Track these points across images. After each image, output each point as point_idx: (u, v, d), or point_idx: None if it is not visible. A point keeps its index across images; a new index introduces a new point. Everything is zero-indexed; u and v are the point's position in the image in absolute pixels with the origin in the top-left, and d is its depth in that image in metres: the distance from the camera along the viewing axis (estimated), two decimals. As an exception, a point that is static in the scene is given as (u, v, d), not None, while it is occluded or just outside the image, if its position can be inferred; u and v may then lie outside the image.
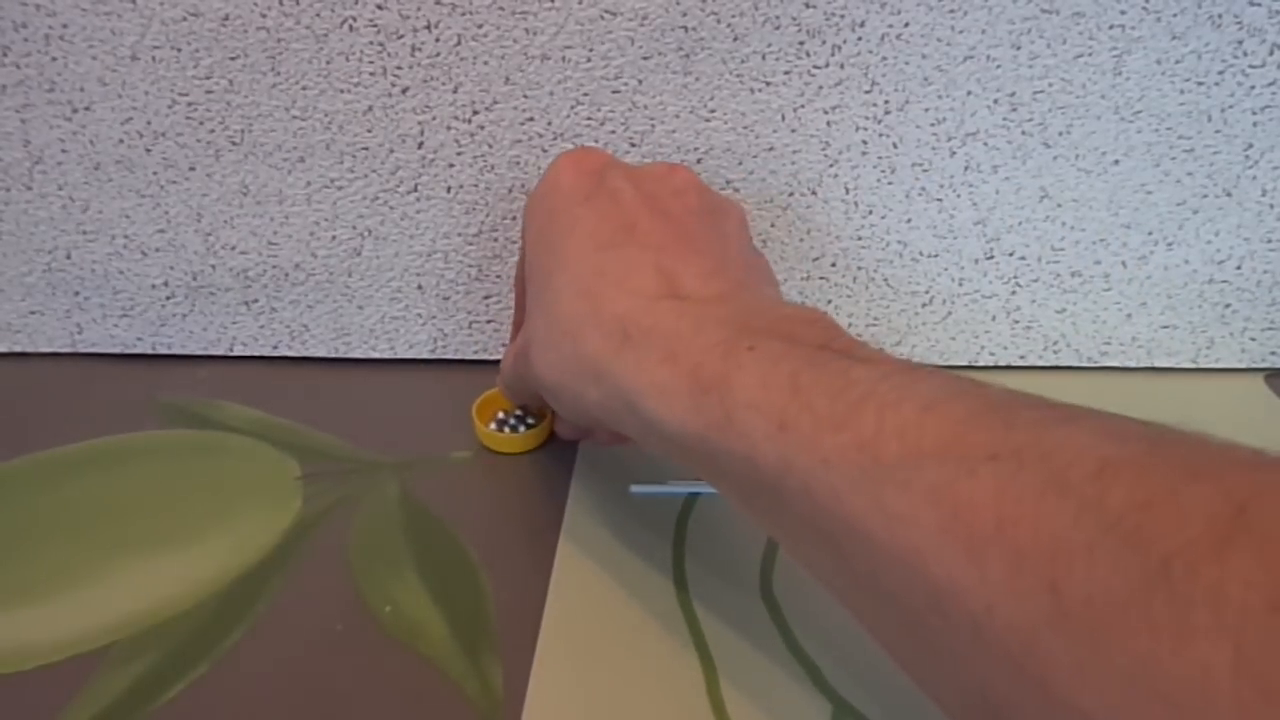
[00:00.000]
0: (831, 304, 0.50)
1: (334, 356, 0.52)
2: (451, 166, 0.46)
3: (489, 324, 0.51)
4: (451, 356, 0.52)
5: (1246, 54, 0.42)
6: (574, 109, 0.44)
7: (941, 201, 0.46)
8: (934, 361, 0.51)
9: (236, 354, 0.52)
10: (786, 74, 0.43)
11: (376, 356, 0.52)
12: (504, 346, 0.51)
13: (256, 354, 0.52)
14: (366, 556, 0.39)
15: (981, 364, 0.51)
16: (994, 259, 0.48)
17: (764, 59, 0.43)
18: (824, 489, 0.24)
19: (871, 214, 0.47)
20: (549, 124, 0.45)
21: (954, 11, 0.42)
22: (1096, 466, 0.19)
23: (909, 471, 0.22)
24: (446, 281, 0.49)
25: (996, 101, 0.44)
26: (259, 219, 0.48)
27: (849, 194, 0.46)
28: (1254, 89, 0.43)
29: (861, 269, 0.48)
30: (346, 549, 0.39)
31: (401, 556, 0.39)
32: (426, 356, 0.52)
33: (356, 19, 0.42)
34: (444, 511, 0.41)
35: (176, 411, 0.48)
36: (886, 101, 0.44)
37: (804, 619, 0.36)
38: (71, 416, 0.47)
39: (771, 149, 0.45)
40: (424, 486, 0.43)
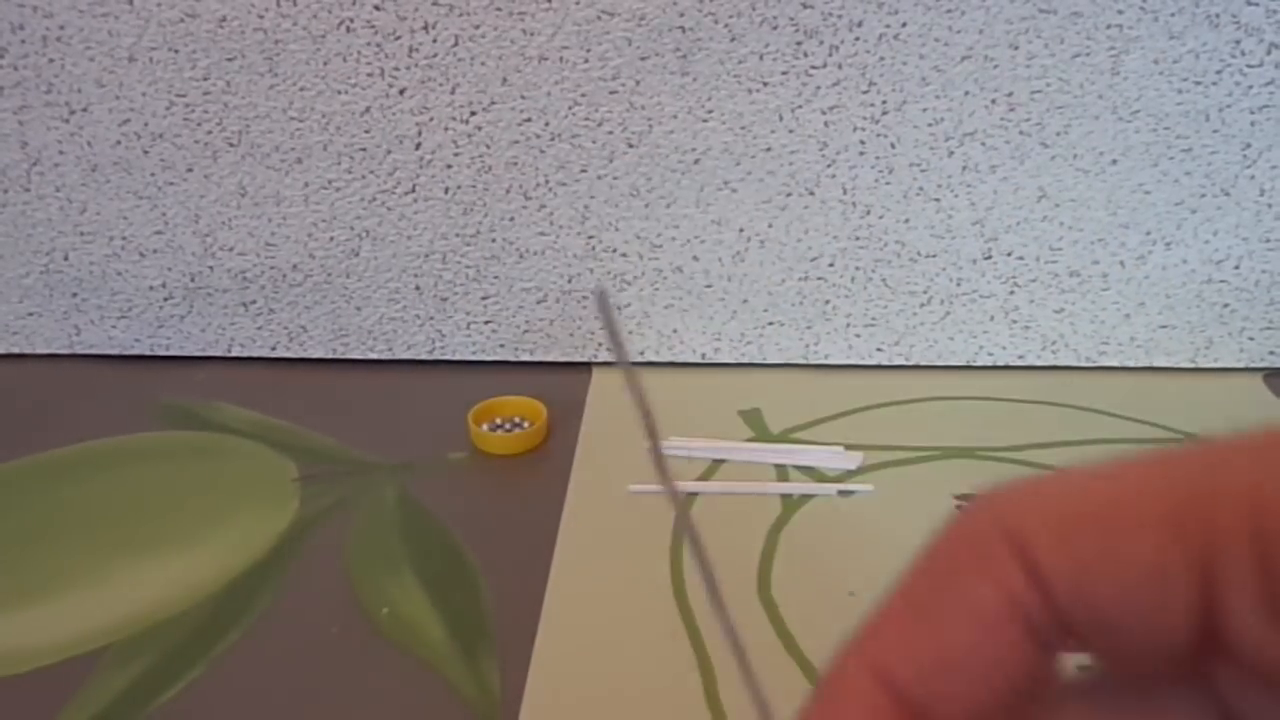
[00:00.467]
0: (830, 304, 0.49)
1: (332, 358, 0.52)
2: (449, 167, 0.46)
3: (486, 325, 0.51)
4: (449, 358, 0.52)
5: (1244, 53, 0.42)
6: (572, 110, 0.44)
7: (939, 201, 0.46)
8: (932, 361, 0.51)
9: (234, 355, 0.52)
10: (784, 74, 0.43)
11: (374, 357, 0.52)
12: (501, 347, 0.51)
13: (254, 355, 0.52)
14: (364, 558, 0.39)
15: (980, 364, 0.51)
16: (992, 259, 0.48)
17: (761, 59, 0.43)
18: None
19: (869, 214, 0.47)
20: (546, 124, 0.45)
21: (951, 11, 0.42)
22: None
23: None
24: (444, 282, 0.49)
25: (994, 101, 0.44)
26: (257, 220, 0.48)
27: (847, 194, 0.46)
28: (1252, 88, 0.43)
29: (860, 269, 0.48)
30: (344, 550, 0.39)
31: (399, 558, 0.39)
32: (424, 358, 0.52)
33: (354, 20, 0.42)
34: (441, 513, 0.41)
35: (174, 413, 0.48)
36: (884, 101, 0.44)
37: (801, 619, 0.36)
38: (69, 418, 0.47)
39: (769, 149, 0.45)
40: (421, 488, 0.42)
